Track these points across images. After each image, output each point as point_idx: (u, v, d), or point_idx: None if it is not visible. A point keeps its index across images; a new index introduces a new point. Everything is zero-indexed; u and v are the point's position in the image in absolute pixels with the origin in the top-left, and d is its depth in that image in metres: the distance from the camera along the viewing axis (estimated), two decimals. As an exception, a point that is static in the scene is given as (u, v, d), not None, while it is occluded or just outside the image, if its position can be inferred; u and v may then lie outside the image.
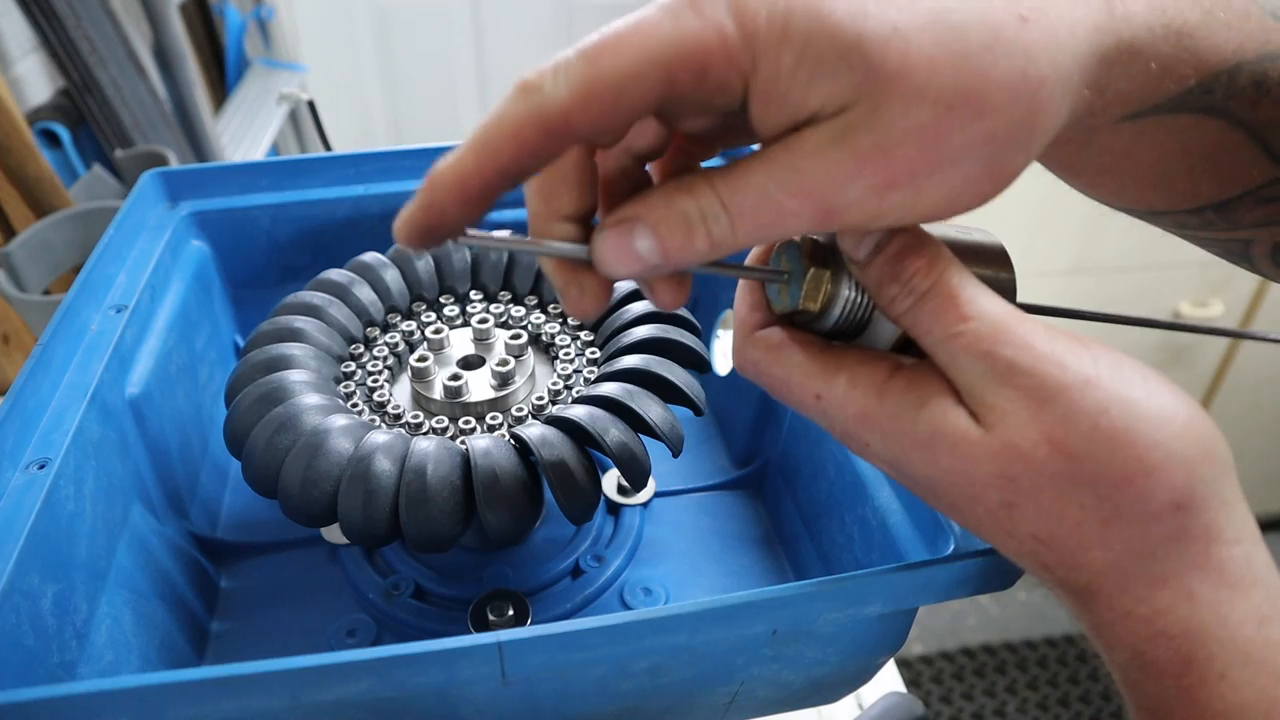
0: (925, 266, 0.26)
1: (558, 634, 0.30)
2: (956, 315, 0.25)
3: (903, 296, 0.26)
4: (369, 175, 0.61)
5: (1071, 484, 0.24)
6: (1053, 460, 0.24)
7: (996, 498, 0.25)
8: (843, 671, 0.41)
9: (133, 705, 0.28)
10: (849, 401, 0.27)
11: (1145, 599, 0.25)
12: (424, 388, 0.46)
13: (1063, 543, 0.25)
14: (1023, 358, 0.25)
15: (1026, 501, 0.25)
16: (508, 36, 2.09)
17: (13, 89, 1.02)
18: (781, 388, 0.29)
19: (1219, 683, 0.24)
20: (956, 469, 0.26)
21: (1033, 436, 0.24)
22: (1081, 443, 0.24)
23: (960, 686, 1.66)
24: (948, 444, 0.26)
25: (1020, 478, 0.25)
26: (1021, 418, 0.25)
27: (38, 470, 0.37)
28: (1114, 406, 0.24)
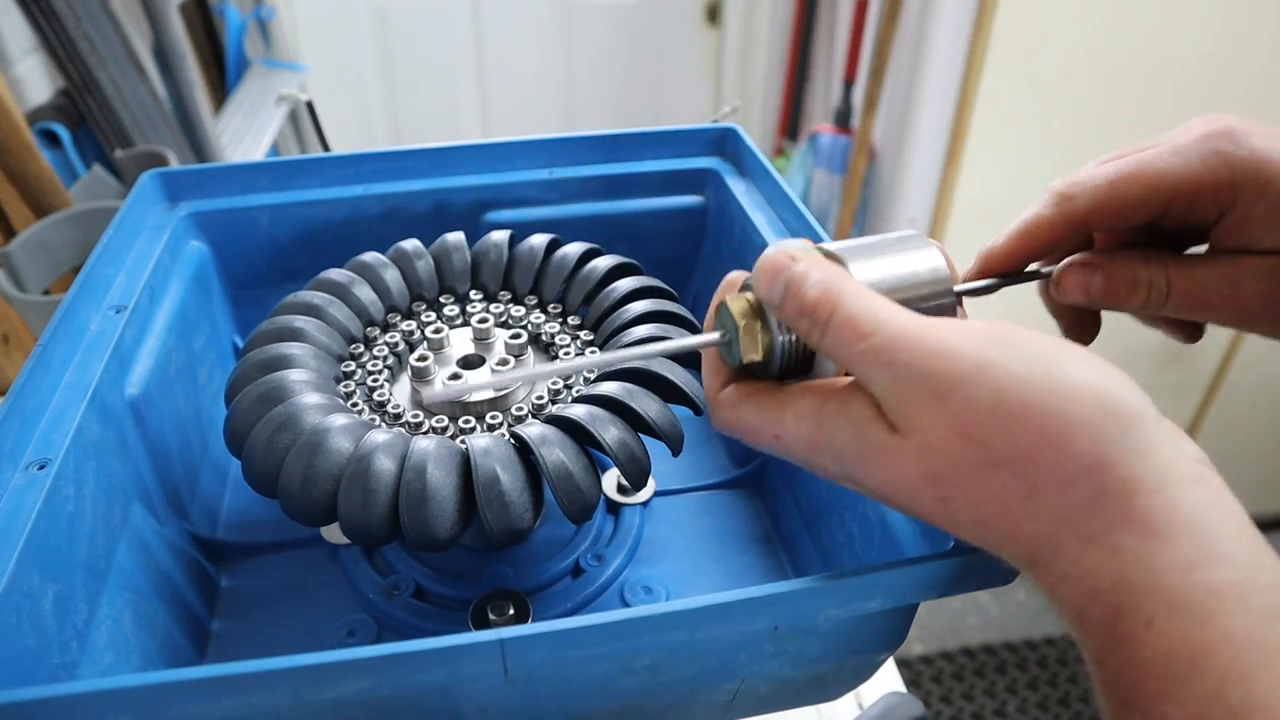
0: (823, 297, 0.29)
1: (559, 631, 0.31)
2: (856, 335, 0.28)
3: (813, 329, 0.29)
4: (368, 175, 0.61)
5: (987, 468, 0.26)
6: (966, 450, 0.26)
7: (930, 494, 0.27)
8: (843, 668, 0.41)
9: (134, 705, 0.28)
10: (798, 434, 0.30)
11: (1077, 560, 0.26)
12: (424, 387, 0.46)
13: (996, 523, 0.27)
14: (917, 359, 0.27)
15: (954, 493, 0.27)
16: (508, 36, 2.09)
17: (13, 89, 1.02)
18: (751, 437, 0.32)
19: (1146, 630, 0.24)
20: (890, 478, 0.28)
21: (943, 432, 0.26)
22: (985, 427, 0.26)
23: (960, 686, 1.66)
24: (875, 457, 0.28)
25: (943, 473, 0.27)
26: (929, 417, 0.27)
27: (38, 470, 0.37)
28: (1009, 386, 0.26)
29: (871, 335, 0.28)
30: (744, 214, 0.58)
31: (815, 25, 1.90)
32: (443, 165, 0.61)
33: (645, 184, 0.63)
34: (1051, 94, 1.54)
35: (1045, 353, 0.26)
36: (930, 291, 0.32)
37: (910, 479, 0.27)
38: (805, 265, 0.30)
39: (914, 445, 0.27)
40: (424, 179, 0.61)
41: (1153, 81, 1.56)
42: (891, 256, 0.32)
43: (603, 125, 2.19)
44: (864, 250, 0.32)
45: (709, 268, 0.65)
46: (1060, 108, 1.55)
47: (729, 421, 0.33)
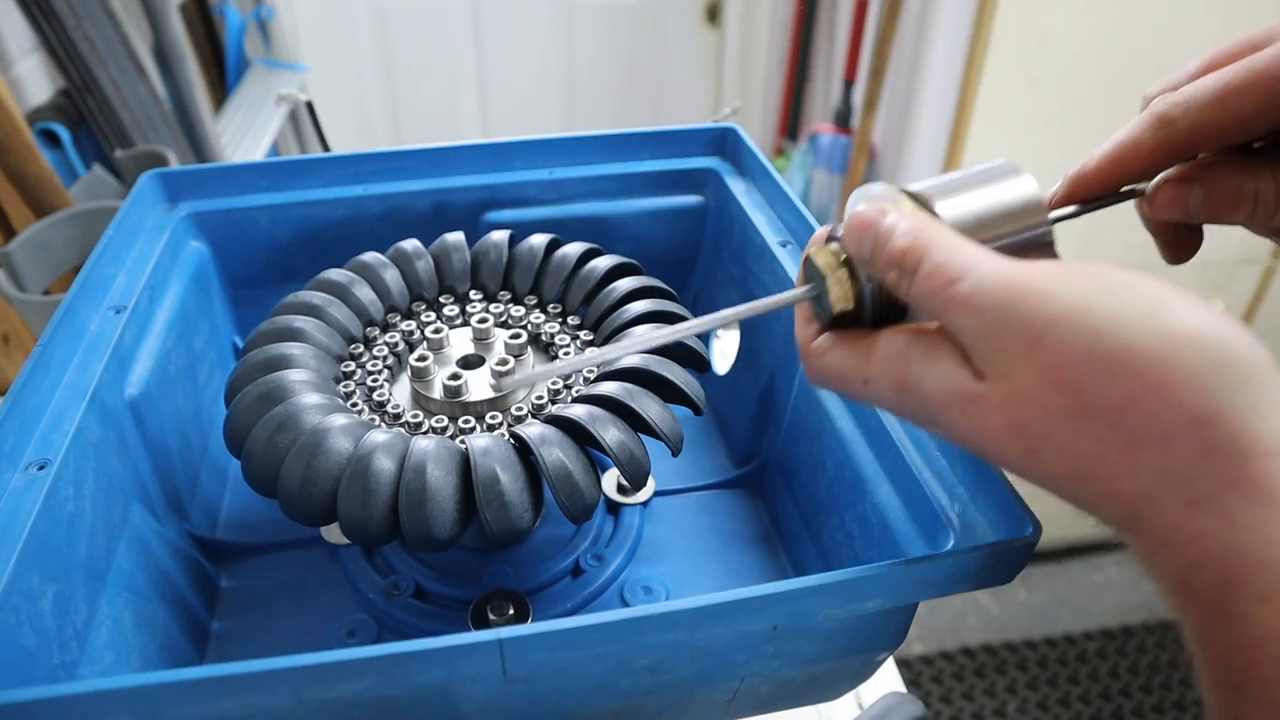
0: (911, 246, 0.28)
1: (559, 631, 0.31)
2: (944, 281, 0.27)
3: (901, 279, 0.28)
4: (368, 175, 0.61)
5: (1080, 417, 0.24)
6: (1057, 397, 0.24)
7: (1016, 447, 0.26)
8: (843, 668, 0.41)
9: (134, 705, 0.28)
10: (887, 376, 0.29)
11: (1181, 524, 0.23)
12: (424, 387, 0.46)
13: (1092, 478, 0.25)
14: (1008, 303, 0.25)
15: (1044, 445, 0.25)
16: (508, 36, 2.09)
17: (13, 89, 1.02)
18: (842, 386, 0.31)
19: (1260, 607, 0.22)
20: (973, 426, 0.26)
21: (1032, 380, 0.25)
22: (1078, 372, 0.24)
23: (960, 686, 1.66)
24: (959, 405, 0.27)
25: (1030, 423, 0.25)
26: (1018, 363, 0.25)
27: (37, 471, 0.37)
28: (1108, 329, 0.24)
29: (959, 280, 0.26)
30: (744, 214, 0.58)
31: (815, 25, 1.90)
32: (443, 165, 0.61)
33: (645, 184, 0.63)
34: (1051, 94, 1.54)
35: (1150, 295, 0.24)
36: (1025, 224, 0.30)
37: (996, 429, 0.26)
38: (893, 217, 0.29)
39: (1001, 393, 0.25)
40: (424, 179, 0.61)
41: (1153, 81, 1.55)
42: (981, 189, 0.31)
43: (603, 125, 2.18)
44: (952, 187, 0.31)
45: (709, 268, 0.65)
46: (1060, 108, 1.55)
47: (820, 370, 0.32)
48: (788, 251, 0.53)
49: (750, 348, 0.58)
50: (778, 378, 0.54)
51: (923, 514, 0.39)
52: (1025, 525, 0.34)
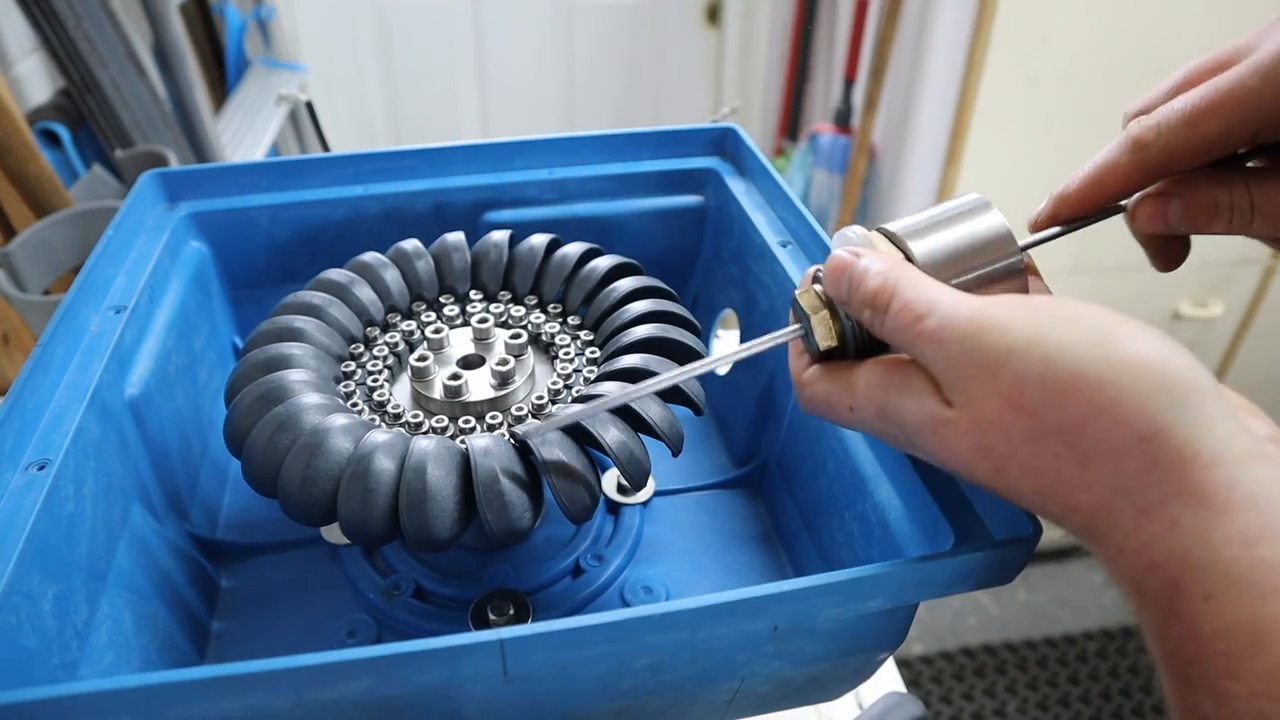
0: (881, 288, 0.31)
1: (559, 631, 0.31)
2: (912, 318, 0.29)
3: (875, 317, 0.31)
4: (368, 176, 0.61)
5: (1039, 437, 0.26)
6: (1017, 420, 0.27)
7: (985, 467, 0.28)
8: (843, 668, 0.41)
9: (134, 705, 0.28)
10: (869, 405, 0.32)
11: (1133, 532, 0.25)
12: (424, 387, 0.46)
13: (1053, 493, 0.27)
14: (969, 335, 0.28)
15: (1008, 464, 0.27)
16: (508, 36, 2.09)
17: (13, 89, 1.02)
18: (829, 410, 0.34)
19: (1204, 605, 0.23)
20: (946, 449, 0.29)
21: (995, 404, 0.27)
22: (1035, 397, 0.26)
23: (960, 686, 1.66)
24: (932, 429, 0.29)
25: (995, 444, 0.27)
26: (981, 390, 0.27)
27: (37, 471, 0.37)
28: (1060, 356, 0.26)
29: (926, 317, 0.29)
30: (744, 214, 0.58)
31: (815, 25, 1.90)
32: (443, 165, 0.61)
33: (645, 184, 0.63)
34: (1051, 94, 1.54)
35: (1098, 325, 0.26)
36: (995, 256, 0.33)
37: (965, 451, 0.28)
38: (866, 260, 0.32)
39: (968, 419, 0.28)
40: (424, 179, 0.61)
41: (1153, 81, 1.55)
42: (952, 227, 0.33)
43: (603, 125, 2.18)
44: (925, 225, 0.34)
45: (709, 268, 0.65)
46: (1060, 108, 1.55)
47: (810, 399, 0.35)
48: (788, 251, 0.53)
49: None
50: (778, 378, 0.54)
51: (923, 514, 0.39)
52: (1025, 525, 0.34)
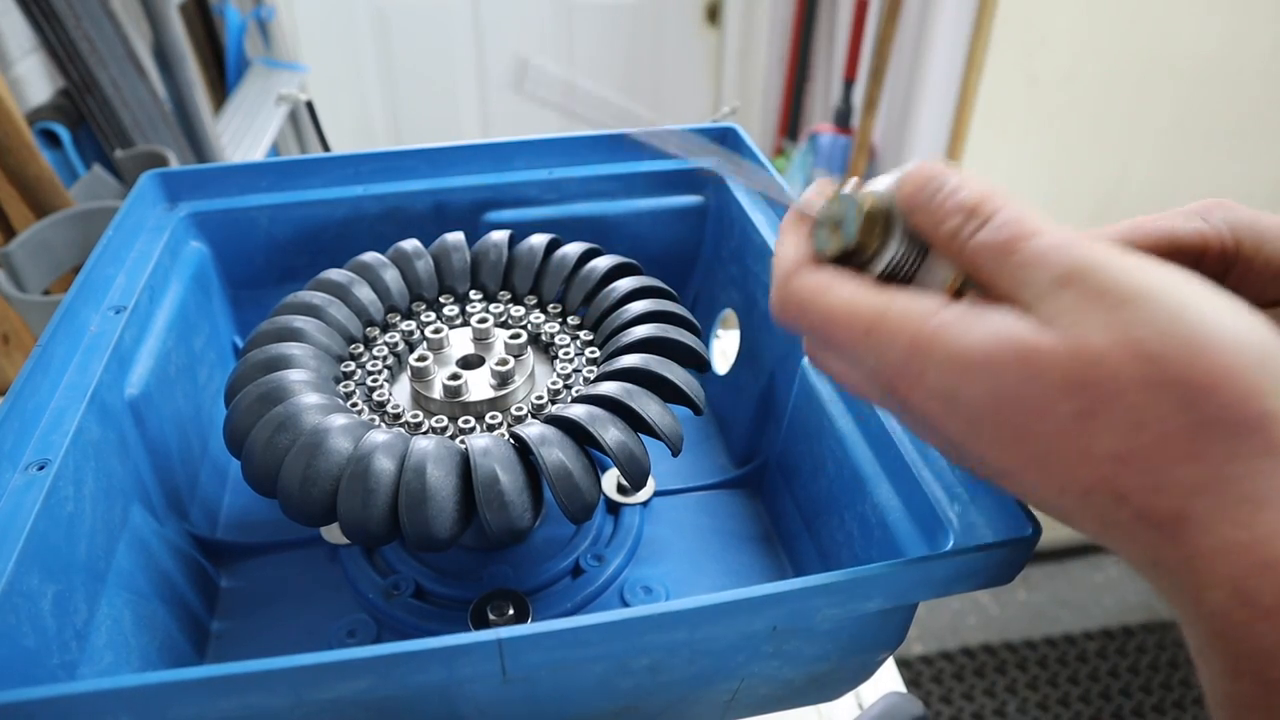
0: (988, 197, 0.27)
1: (558, 631, 0.31)
2: (1021, 232, 0.25)
3: (967, 224, 0.27)
4: (368, 176, 0.61)
5: (1153, 388, 0.22)
6: (1131, 363, 0.23)
7: (1070, 408, 0.24)
8: (843, 668, 0.41)
9: (133, 705, 0.28)
10: (903, 328, 0.26)
11: (1245, 523, 0.22)
12: (424, 387, 0.46)
13: (1146, 458, 0.23)
14: (1091, 264, 0.24)
15: (1104, 409, 0.23)
16: (508, 36, 2.09)
17: (13, 89, 1.02)
18: (825, 326, 0.28)
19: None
20: (1024, 378, 0.24)
21: (1109, 338, 0.23)
22: (1161, 343, 0.23)
23: (960, 686, 1.66)
24: (1013, 352, 0.24)
25: (1096, 383, 0.23)
26: (1097, 319, 0.23)
27: (37, 471, 0.37)
28: (1192, 308, 0.23)
29: (1036, 235, 0.25)
30: (744, 214, 0.58)
31: (815, 25, 1.90)
32: (443, 165, 0.61)
33: (645, 184, 0.63)
34: (1051, 94, 1.54)
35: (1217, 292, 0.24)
36: None
37: (1051, 382, 0.24)
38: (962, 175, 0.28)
39: (1068, 344, 0.23)
40: (424, 179, 0.61)
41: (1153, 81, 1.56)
42: None
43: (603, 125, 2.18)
44: None
45: (709, 268, 0.65)
46: (1060, 108, 1.55)
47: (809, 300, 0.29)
48: (788, 251, 0.53)
49: (750, 347, 0.58)
50: (778, 377, 0.54)
51: (923, 514, 0.39)
52: (1025, 525, 0.34)
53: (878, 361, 0.27)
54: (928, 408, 0.27)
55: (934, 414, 0.27)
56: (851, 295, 0.28)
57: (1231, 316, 0.23)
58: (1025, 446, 0.25)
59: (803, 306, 0.29)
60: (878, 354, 0.27)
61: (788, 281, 0.30)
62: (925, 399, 0.27)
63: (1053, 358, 0.24)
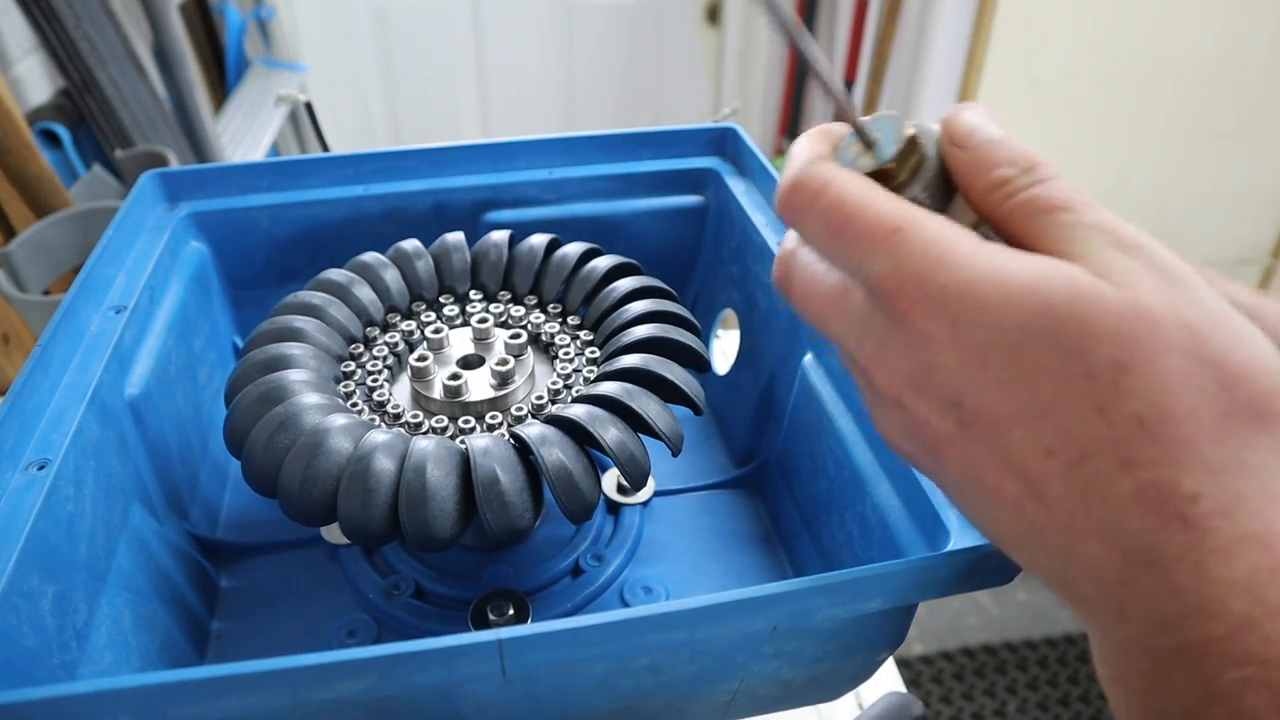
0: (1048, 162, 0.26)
1: (558, 631, 0.31)
2: (1083, 200, 0.25)
3: (1024, 176, 0.25)
4: (368, 176, 0.61)
5: (1195, 360, 0.22)
6: (1179, 333, 0.22)
7: (1108, 354, 0.22)
8: (843, 668, 0.41)
9: (133, 705, 0.28)
10: (939, 239, 0.24)
11: (1263, 516, 0.21)
12: (424, 387, 0.46)
13: (1171, 427, 0.22)
14: (1147, 241, 0.24)
15: (1144, 366, 0.22)
16: (508, 36, 2.09)
17: (13, 89, 1.02)
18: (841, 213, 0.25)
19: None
20: (1071, 313, 0.23)
21: (1162, 303, 0.22)
22: (1211, 325, 0.22)
23: (960, 686, 1.66)
24: (1069, 286, 0.23)
25: (1142, 338, 0.22)
26: (1151, 284, 0.23)
27: (37, 471, 0.37)
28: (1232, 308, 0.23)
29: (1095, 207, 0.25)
30: (744, 214, 0.58)
31: (815, 25, 1.90)
32: (443, 165, 0.61)
33: (645, 184, 0.63)
34: (1051, 94, 1.54)
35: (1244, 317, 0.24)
36: None
37: (1100, 325, 0.22)
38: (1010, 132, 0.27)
39: (1126, 298, 0.23)
40: (424, 179, 0.61)
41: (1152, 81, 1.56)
42: None
43: (603, 125, 2.19)
44: None
45: (709, 268, 0.65)
46: (1060, 108, 1.55)
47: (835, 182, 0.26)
48: (788, 251, 0.53)
49: (750, 347, 0.58)
50: (778, 377, 0.54)
51: (923, 514, 0.39)
52: (1025, 525, 0.34)
53: (892, 264, 0.25)
54: (930, 327, 0.24)
55: (936, 335, 0.24)
56: (885, 196, 0.26)
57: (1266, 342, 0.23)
58: (1033, 389, 0.23)
59: (824, 186, 0.26)
60: (898, 257, 0.25)
61: (807, 166, 0.27)
62: (933, 315, 0.24)
63: (1109, 303, 0.23)
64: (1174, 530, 0.22)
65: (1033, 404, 0.23)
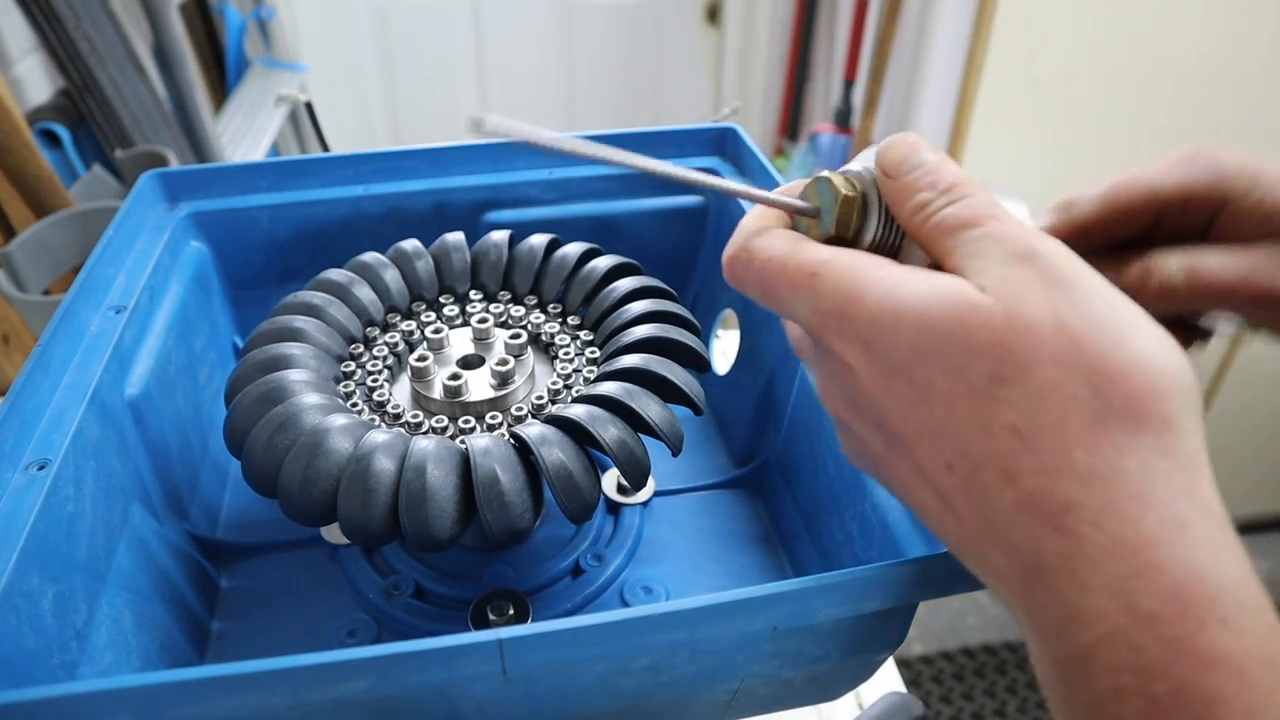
0: (964, 180, 0.27)
1: (558, 631, 0.31)
2: (992, 213, 0.26)
3: (940, 197, 0.27)
4: (368, 176, 0.61)
5: (1068, 368, 0.23)
6: (1055, 340, 0.23)
7: (986, 369, 0.24)
8: (843, 668, 0.41)
9: (133, 705, 0.28)
10: (848, 274, 0.26)
11: (1133, 521, 0.22)
12: (424, 387, 0.46)
13: (1044, 436, 0.23)
14: (1038, 250, 0.25)
15: (1017, 378, 0.23)
16: (508, 36, 2.09)
17: (13, 89, 1.02)
18: (769, 272, 0.28)
19: (1221, 628, 0.20)
20: (952, 331, 0.24)
21: (1041, 312, 0.23)
22: (1089, 329, 0.23)
23: (960, 686, 1.66)
24: (949, 305, 0.24)
25: (1017, 349, 0.23)
26: (1034, 293, 0.24)
27: (37, 471, 0.37)
28: (1122, 309, 0.24)
29: (1000, 219, 0.26)
30: (744, 214, 0.58)
31: (815, 25, 1.90)
32: (443, 165, 0.61)
33: (645, 184, 0.63)
34: (1051, 94, 1.54)
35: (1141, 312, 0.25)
36: None
37: (976, 341, 0.24)
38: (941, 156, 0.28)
39: (1001, 309, 0.24)
40: (424, 179, 0.61)
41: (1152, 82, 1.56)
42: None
43: (603, 125, 2.19)
44: None
45: (709, 268, 0.65)
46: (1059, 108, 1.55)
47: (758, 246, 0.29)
48: (788, 251, 0.53)
49: (750, 347, 0.58)
50: (778, 377, 0.54)
51: (922, 514, 0.39)
52: (1025, 525, 0.34)
53: (811, 306, 0.27)
54: (849, 354, 0.27)
55: (853, 362, 0.27)
56: (807, 248, 0.28)
57: (1159, 337, 0.24)
58: (929, 408, 0.25)
59: (751, 255, 0.29)
60: (816, 298, 0.27)
61: (738, 239, 0.30)
62: (849, 344, 0.27)
63: (985, 317, 0.24)
64: (1053, 540, 0.23)
65: (930, 421, 0.25)
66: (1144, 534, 0.21)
